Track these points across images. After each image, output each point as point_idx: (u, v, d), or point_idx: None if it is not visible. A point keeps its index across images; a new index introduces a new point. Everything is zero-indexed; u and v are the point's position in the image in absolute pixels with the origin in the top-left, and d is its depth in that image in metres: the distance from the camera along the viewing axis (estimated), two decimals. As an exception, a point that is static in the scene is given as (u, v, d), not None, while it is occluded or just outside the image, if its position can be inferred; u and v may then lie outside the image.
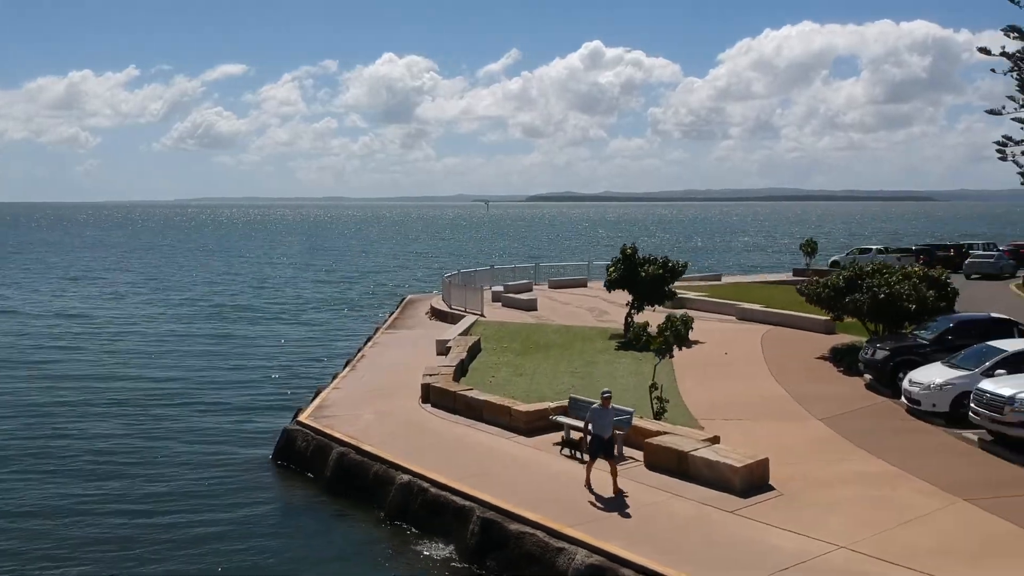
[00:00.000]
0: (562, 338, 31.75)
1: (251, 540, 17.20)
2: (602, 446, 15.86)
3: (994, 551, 13.34)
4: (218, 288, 65.12)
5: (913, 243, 68.24)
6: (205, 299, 56.93)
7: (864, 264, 27.95)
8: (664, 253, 34.30)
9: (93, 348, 38.23)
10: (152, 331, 42.94)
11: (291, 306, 53.77)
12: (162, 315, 48.85)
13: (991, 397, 18.26)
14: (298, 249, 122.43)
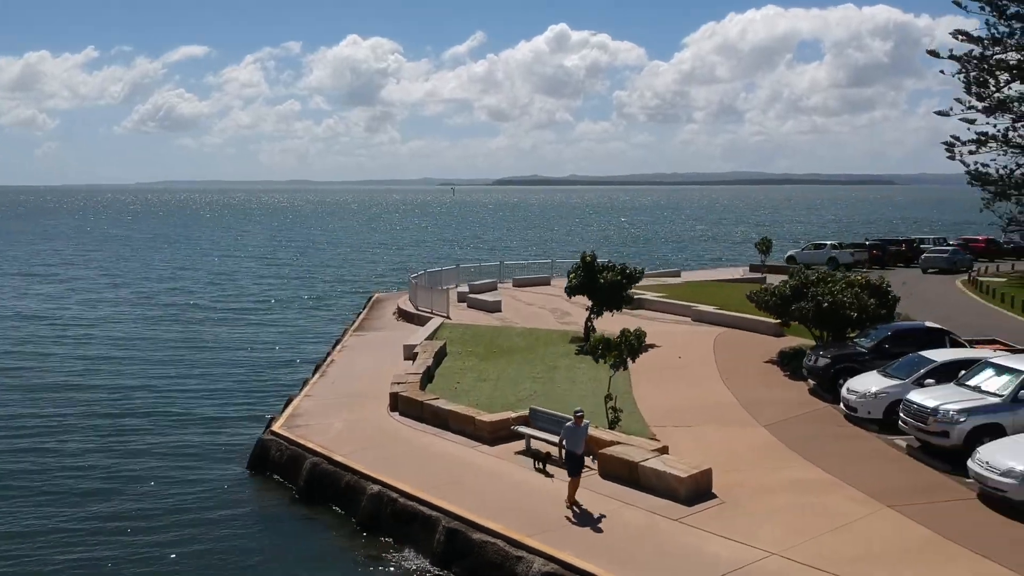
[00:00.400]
0: (525, 341, 33.01)
1: (227, 548, 18.21)
2: (574, 461, 17.01)
3: (911, 557, 14.78)
4: (182, 284, 65.31)
5: (867, 236, 70.22)
6: (169, 298, 57.14)
7: (810, 273, 29.32)
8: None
9: (59, 354, 38.32)
10: (117, 335, 43.19)
11: (257, 305, 54.28)
12: (127, 316, 49.11)
13: (917, 408, 19.80)
14: (261, 240, 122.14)
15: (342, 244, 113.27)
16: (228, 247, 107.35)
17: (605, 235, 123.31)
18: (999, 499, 16.67)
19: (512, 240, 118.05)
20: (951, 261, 60.05)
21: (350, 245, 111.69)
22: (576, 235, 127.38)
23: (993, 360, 20.61)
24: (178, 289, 61.95)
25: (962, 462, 17.81)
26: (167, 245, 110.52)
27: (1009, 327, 37.12)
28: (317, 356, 35.00)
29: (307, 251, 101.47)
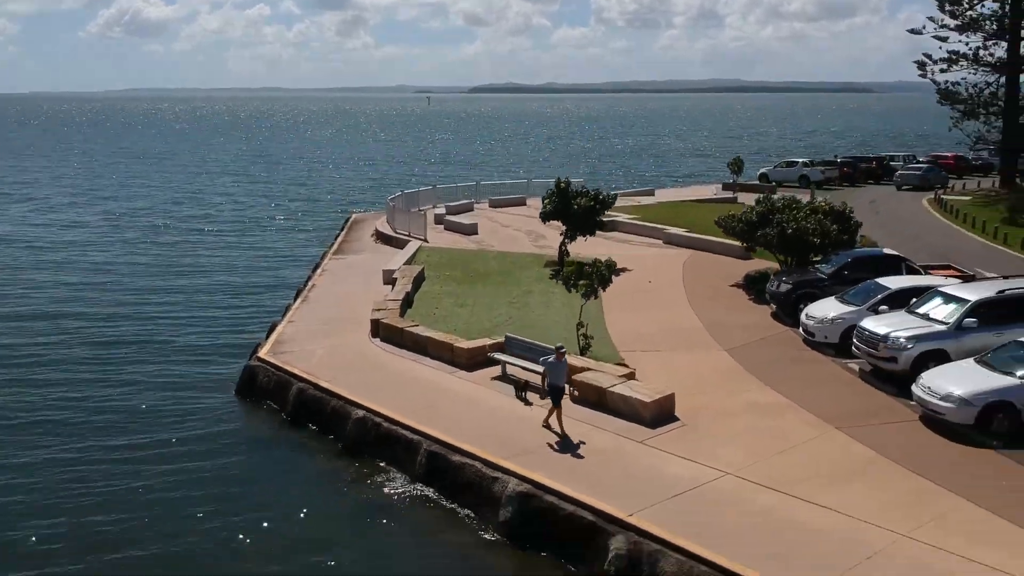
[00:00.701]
0: (501, 266, 33.99)
1: (220, 471, 19.26)
2: (556, 393, 18.03)
3: (854, 476, 16.18)
4: (155, 204, 64.52)
5: (838, 153, 71.07)
6: (144, 219, 56.71)
7: (776, 200, 30.25)
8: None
9: (38, 280, 38.12)
10: (95, 260, 42.90)
11: (233, 226, 54.17)
12: (103, 240, 48.82)
13: (869, 334, 21.09)
14: (232, 154, 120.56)
15: (316, 159, 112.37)
16: (198, 162, 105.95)
17: (581, 148, 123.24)
18: (939, 422, 18.08)
19: (488, 155, 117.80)
20: (924, 178, 61.24)
21: (325, 160, 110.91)
22: (552, 149, 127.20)
23: (942, 288, 21.84)
24: (152, 210, 61.48)
25: (909, 386, 19.17)
26: (136, 160, 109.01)
27: (969, 249, 38.59)
28: (297, 280, 35.81)
29: (280, 167, 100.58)
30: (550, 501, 15.84)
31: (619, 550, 14.41)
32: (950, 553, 13.55)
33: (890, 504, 15.07)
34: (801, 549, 13.76)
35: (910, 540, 13.97)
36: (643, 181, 74.27)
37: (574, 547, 15.18)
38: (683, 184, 72.22)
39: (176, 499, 17.92)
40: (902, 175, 62.32)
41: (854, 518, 14.62)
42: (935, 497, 15.39)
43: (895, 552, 13.66)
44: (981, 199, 55.41)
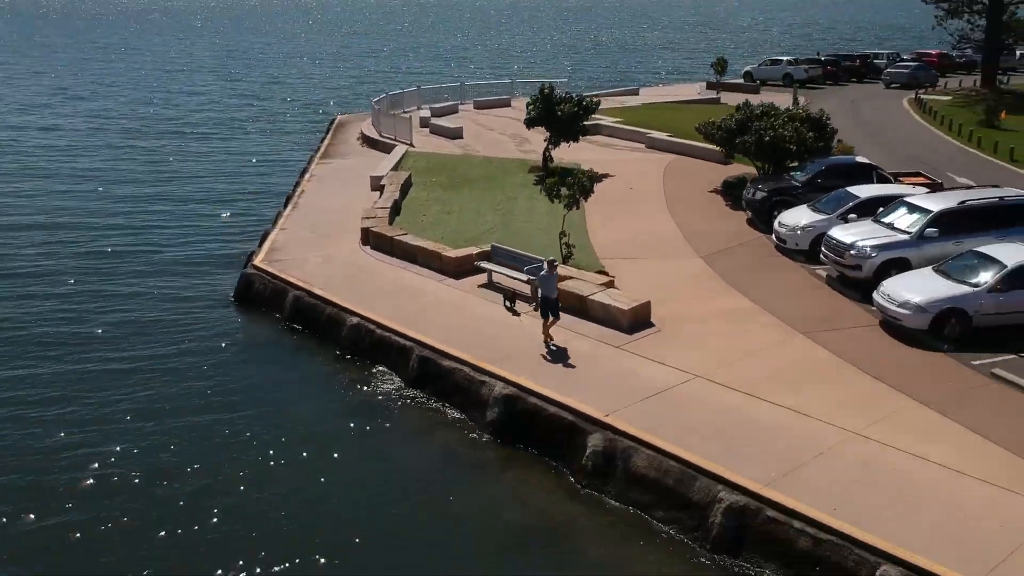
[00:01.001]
0: (486, 171, 34.68)
1: (222, 375, 20.42)
2: (548, 305, 18.87)
3: (812, 378, 17.54)
4: (134, 104, 63.48)
5: (821, 51, 70.86)
6: (125, 122, 55.57)
7: (754, 107, 30.84)
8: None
9: (23, 190, 37.80)
10: (82, 166, 42.52)
11: (216, 129, 53.59)
12: (88, 144, 47.92)
13: (836, 243, 22.20)
14: (208, 49, 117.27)
15: (294, 54, 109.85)
16: (172, 58, 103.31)
17: (566, 43, 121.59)
18: (897, 327, 19.39)
19: (471, 50, 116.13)
20: (913, 76, 61.62)
21: (304, 55, 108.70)
22: (537, 43, 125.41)
23: (907, 199, 22.85)
24: (131, 112, 59.88)
25: (872, 292, 20.39)
26: (107, 55, 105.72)
27: (944, 152, 39.49)
28: (285, 186, 36.38)
29: (260, 58, 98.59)
30: (533, 403, 17.16)
31: (596, 447, 15.80)
32: (897, 449, 14.98)
33: (845, 404, 16.45)
34: (761, 445, 15.16)
35: (861, 438, 15.39)
36: (628, 79, 74.09)
37: (555, 445, 16.57)
38: (668, 82, 72.12)
39: (180, 401, 19.09)
40: (890, 73, 62.61)
41: (811, 417, 16.01)
42: (888, 398, 16.78)
43: (845, 449, 15.08)
44: (961, 99, 55.99)
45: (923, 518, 13.22)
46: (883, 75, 63.25)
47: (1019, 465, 14.47)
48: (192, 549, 14.30)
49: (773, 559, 13.49)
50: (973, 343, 18.71)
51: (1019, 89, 60.53)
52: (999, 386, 17.23)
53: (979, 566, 12.20)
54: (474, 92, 52.35)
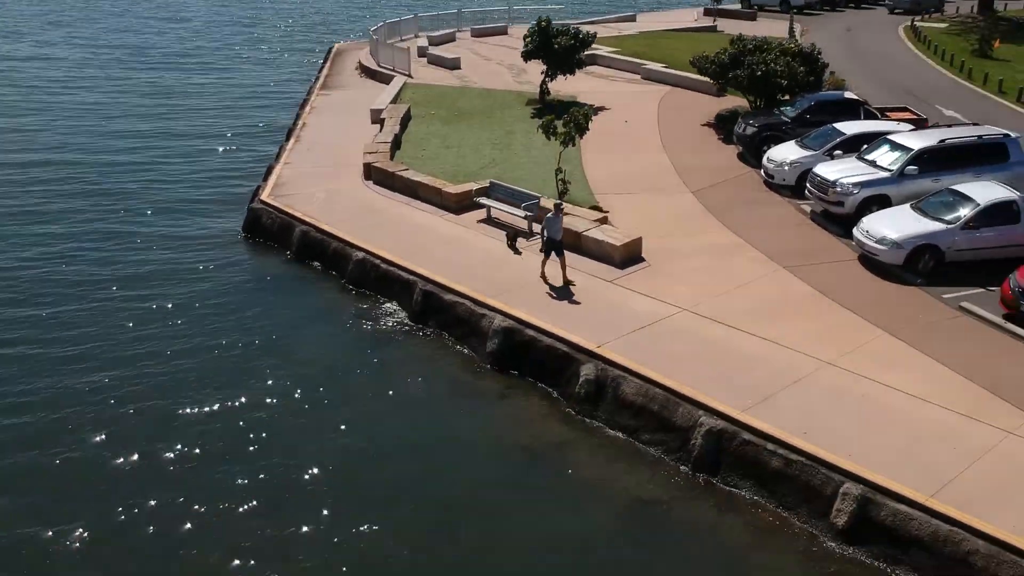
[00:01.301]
0: (484, 103, 35.28)
1: (233, 304, 21.47)
2: (554, 246, 19.68)
3: (791, 310, 18.72)
4: (125, 29, 62.39)
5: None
6: (118, 51, 54.73)
7: (747, 41, 31.30)
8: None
9: (26, 125, 37.80)
10: (80, 98, 42.33)
11: (214, 59, 52.98)
12: (86, 76, 47.61)
13: (820, 179, 23.16)
14: None
15: None
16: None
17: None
18: (874, 262, 20.50)
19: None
20: (917, 2, 61.70)
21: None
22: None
23: (890, 137, 23.71)
24: (121, 45, 57.70)
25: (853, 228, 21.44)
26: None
27: (935, 83, 40.07)
28: (285, 119, 36.86)
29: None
30: (530, 335, 18.36)
31: (588, 376, 17.05)
32: (865, 378, 16.25)
33: (821, 335, 17.67)
34: (741, 374, 16.42)
35: (833, 367, 16.64)
36: (626, 3, 73.58)
37: (551, 373, 17.83)
38: (666, 6, 71.69)
39: (197, 329, 20.24)
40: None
41: (788, 348, 17.24)
42: (862, 330, 17.99)
43: (819, 376, 16.35)
44: (958, 26, 56.05)
45: (885, 441, 14.53)
46: (887, 0, 63.38)
47: (976, 392, 15.76)
48: (204, 462, 15.62)
49: (748, 478, 14.86)
50: (945, 277, 19.84)
51: (1016, 16, 60.51)
52: (966, 319, 18.45)
53: (932, 484, 13.54)
54: (471, 19, 52.35)
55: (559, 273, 19.89)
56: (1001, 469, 13.87)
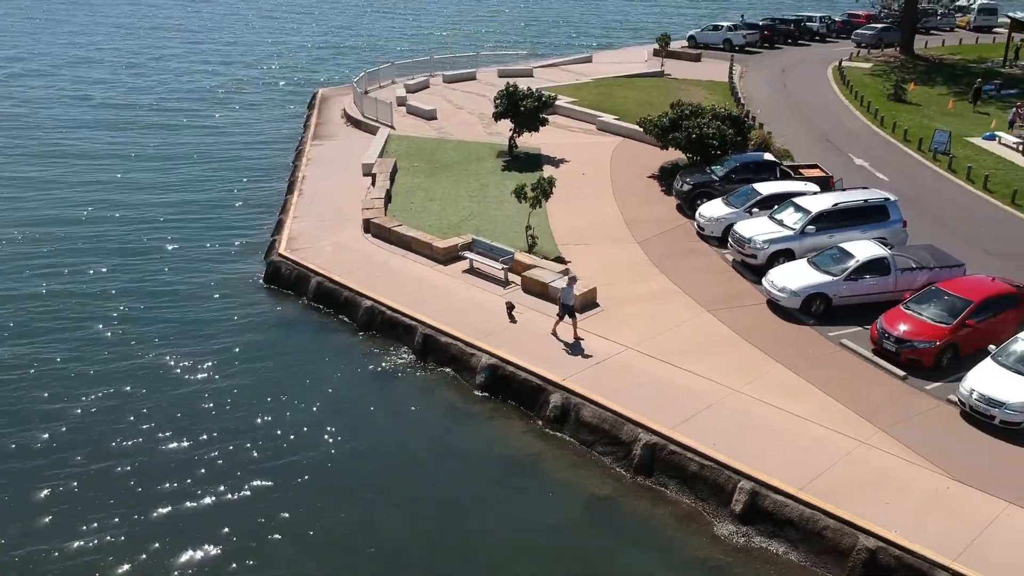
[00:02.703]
0: (460, 155, 40.49)
1: (260, 345, 26.30)
2: (567, 310, 24.33)
3: (713, 349, 24.13)
4: (110, 75, 64.12)
5: (761, 17, 76.24)
6: (106, 93, 57.77)
7: (684, 108, 36.77)
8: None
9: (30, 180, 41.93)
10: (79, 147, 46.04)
11: (203, 104, 56.05)
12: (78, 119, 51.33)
13: (739, 236, 28.71)
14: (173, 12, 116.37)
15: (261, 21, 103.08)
16: (129, 13, 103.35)
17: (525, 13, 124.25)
18: (778, 306, 26.04)
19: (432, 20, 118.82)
20: (878, 38, 69.45)
21: (269, 28, 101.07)
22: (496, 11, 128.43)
23: (795, 200, 29.32)
24: (109, 82, 61.29)
25: (762, 276, 27.00)
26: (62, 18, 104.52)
27: (852, 128, 46.01)
28: (283, 166, 41.83)
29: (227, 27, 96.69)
30: (511, 370, 23.64)
31: (556, 402, 22.37)
32: (761, 401, 21.72)
33: (733, 369, 23.13)
34: (670, 400, 21.81)
35: (740, 394, 22.10)
36: (587, 39, 78.83)
37: (527, 400, 23.10)
38: (617, 44, 76.69)
39: (227, 367, 25.10)
40: (859, 34, 70.84)
41: (707, 379, 22.68)
42: (764, 363, 23.48)
43: (728, 401, 21.79)
44: (881, 66, 62.29)
45: (771, 449, 20.00)
46: (852, 36, 70.75)
47: (843, 411, 21.31)
48: (232, 473, 20.66)
49: (674, 478, 20.24)
50: (832, 318, 25.45)
51: (934, 55, 66.94)
52: (844, 353, 24.04)
53: (804, 479, 19.01)
54: (441, 65, 57.49)
55: (570, 331, 24.62)
56: (853, 469, 19.40)
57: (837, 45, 70.97)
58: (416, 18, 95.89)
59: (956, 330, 22.83)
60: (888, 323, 23.51)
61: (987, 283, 24.18)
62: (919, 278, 25.57)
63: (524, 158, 39.85)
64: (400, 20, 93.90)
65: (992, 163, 40.06)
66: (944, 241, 29.83)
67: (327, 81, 60.74)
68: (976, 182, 37.09)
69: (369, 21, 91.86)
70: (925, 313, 23.38)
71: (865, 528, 17.70)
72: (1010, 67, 61.47)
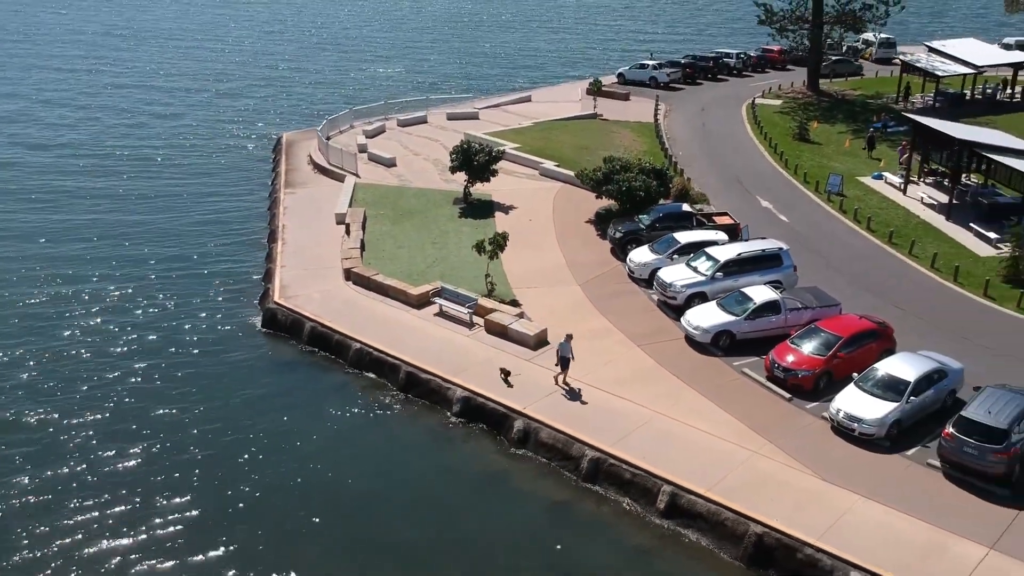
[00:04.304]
0: (420, 203, 45.95)
1: (256, 384, 31.47)
2: (563, 362, 29.54)
3: (641, 378, 30.08)
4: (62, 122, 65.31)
5: (685, 55, 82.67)
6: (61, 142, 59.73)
7: (616, 163, 42.83)
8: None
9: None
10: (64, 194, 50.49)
11: (169, 150, 58.70)
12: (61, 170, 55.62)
13: (661, 281, 34.83)
14: (106, 32, 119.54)
15: (216, 63, 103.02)
16: (73, 44, 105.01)
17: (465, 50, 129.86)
18: (693, 341, 32.15)
19: (378, 66, 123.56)
20: (833, 68, 78.17)
21: (221, 74, 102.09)
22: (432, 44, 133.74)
23: (706, 250, 35.52)
24: (71, 133, 63.07)
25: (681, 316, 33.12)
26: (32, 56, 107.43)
27: (759, 169, 52.51)
28: (260, 212, 46.86)
29: (175, 64, 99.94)
30: (481, 400, 29.30)
31: (519, 427, 28.12)
32: (679, 421, 27.76)
33: (657, 395, 29.12)
34: (609, 423, 27.71)
35: (663, 416, 28.09)
36: (526, 77, 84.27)
37: (496, 425, 28.78)
38: (551, 81, 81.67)
39: (231, 407, 30.16)
40: (827, 65, 77.49)
41: (638, 404, 28.63)
42: (682, 390, 29.50)
43: (654, 423, 27.77)
44: (789, 103, 69.26)
45: (689, 460, 26.00)
46: (822, 68, 77.25)
47: (742, 428, 27.43)
48: (238, 500, 26.00)
49: (613, 485, 26.13)
50: (736, 351, 31.64)
51: (836, 90, 74.24)
52: (744, 380, 30.25)
53: (711, 482, 25.02)
54: (396, 108, 62.79)
55: (570, 380, 29.84)
56: (747, 473, 25.50)
57: (752, 80, 77.82)
58: (360, 55, 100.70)
59: (829, 361, 29.20)
60: (777, 355, 29.78)
61: (855, 321, 30.66)
62: (804, 316, 31.96)
63: (478, 204, 45.54)
64: (347, 59, 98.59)
65: (877, 203, 46.98)
66: (829, 279, 36.45)
67: (284, 122, 65.26)
68: (861, 222, 43.86)
69: (320, 63, 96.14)
70: (805, 347, 29.71)
71: (755, 518, 23.78)
72: (902, 103, 68.93)
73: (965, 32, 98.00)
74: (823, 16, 70.32)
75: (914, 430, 27.13)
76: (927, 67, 66.60)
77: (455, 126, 59.75)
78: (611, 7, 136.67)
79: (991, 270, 38.11)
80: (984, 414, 24.99)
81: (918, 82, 70.10)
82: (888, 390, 27.10)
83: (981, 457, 24.50)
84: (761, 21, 71.32)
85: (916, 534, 23.04)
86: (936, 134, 45.92)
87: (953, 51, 69.75)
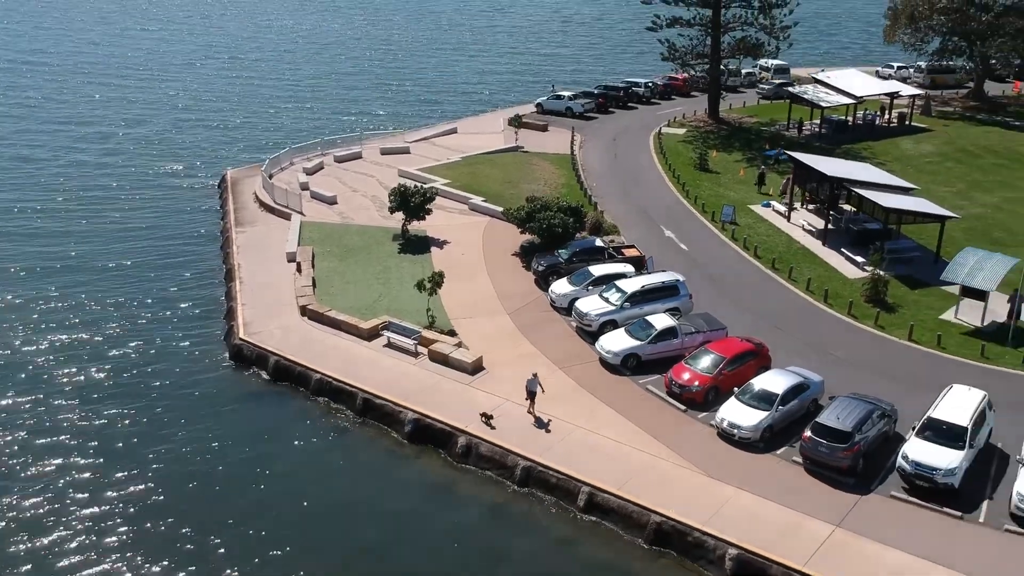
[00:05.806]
0: (363, 240, 50.89)
1: (227, 413, 36.19)
2: (533, 395, 34.34)
3: (564, 397, 35.68)
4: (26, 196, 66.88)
5: (597, 86, 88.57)
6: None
7: (537, 202, 48.56)
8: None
9: None
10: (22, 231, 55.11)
11: (116, 194, 61.36)
12: None
13: (578, 310, 40.65)
14: (43, 60, 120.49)
15: (149, 97, 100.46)
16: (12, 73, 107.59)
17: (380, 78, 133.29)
18: (606, 363, 37.99)
19: (311, 101, 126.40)
20: (774, 92, 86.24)
21: (155, 109, 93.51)
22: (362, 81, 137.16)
23: (616, 283, 41.45)
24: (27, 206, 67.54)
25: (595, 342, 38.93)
26: None
27: (663, 201, 58.58)
28: (212, 253, 51.12)
29: (106, 108, 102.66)
30: (428, 421, 34.62)
31: (462, 443, 33.54)
32: (594, 432, 33.51)
33: (577, 412, 34.81)
34: (539, 438, 33.30)
35: (582, 428, 33.80)
36: (449, 105, 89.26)
37: (442, 442, 34.11)
38: (475, 111, 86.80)
39: (207, 435, 34.87)
40: (761, 89, 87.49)
41: (561, 420, 34.28)
42: (597, 406, 35.25)
43: (576, 436, 33.45)
44: (692, 131, 75.95)
45: (604, 464, 31.73)
46: (757, 89, 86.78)
47: (644, 436, 33.29)
48: (210, 525, 30.89)
49: (542, 488, 31.71)
50: (642, 370, 37.58)
51: (734, 118, 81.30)
52: (648, 395, 36.20)
53: (621, 481, 30.79)
54: (330, 145, 67.40)
55: (537, 411, 34.68)
56: (650, 473, 31.36)
57: (660, 108, 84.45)
58: (293, 88, 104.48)
59: (716, 377, 35.34)
60: (674, 373, 35.82)
61: (736, 343, 36.94)
62: (697, 339, 38.12)
63: (415, 240, 50.73)
64: (279, 92, 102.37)
65: (765, 230, 53.63)
66: (720, 304, 42.72)
67: (222, 159, 68.61)
68: (749, 250, 50.40)
69: (254, 96, 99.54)
70: (697, 366, 35.81)
71: (655, 510, 29.67)
72: (793, 131, 76.20)
73: (856, 52, 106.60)
74: (720, 51, 77.30)
75: (783, 433, 33.37)
76: (812, 99, 74.07)
77: (388, 160, 64.79)
78: (521, 32, 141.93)
79: (856, 291, 44.89)
80: (834, 419, 31.35)
81: (807, 111, 77.53)
82: (761, 401, 33.32)
83: (831, 454, 30.83)
84: (665, 58, 77.94)
85: (779, 517, 29.22)
86: (811, 170, 52.85)
87: (836, 83, 77.54)
